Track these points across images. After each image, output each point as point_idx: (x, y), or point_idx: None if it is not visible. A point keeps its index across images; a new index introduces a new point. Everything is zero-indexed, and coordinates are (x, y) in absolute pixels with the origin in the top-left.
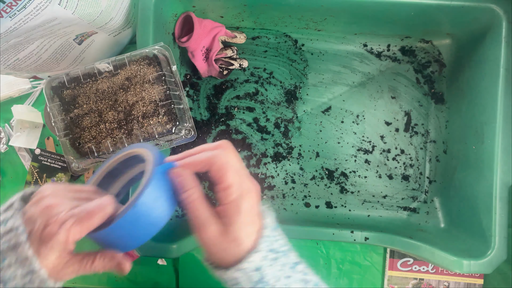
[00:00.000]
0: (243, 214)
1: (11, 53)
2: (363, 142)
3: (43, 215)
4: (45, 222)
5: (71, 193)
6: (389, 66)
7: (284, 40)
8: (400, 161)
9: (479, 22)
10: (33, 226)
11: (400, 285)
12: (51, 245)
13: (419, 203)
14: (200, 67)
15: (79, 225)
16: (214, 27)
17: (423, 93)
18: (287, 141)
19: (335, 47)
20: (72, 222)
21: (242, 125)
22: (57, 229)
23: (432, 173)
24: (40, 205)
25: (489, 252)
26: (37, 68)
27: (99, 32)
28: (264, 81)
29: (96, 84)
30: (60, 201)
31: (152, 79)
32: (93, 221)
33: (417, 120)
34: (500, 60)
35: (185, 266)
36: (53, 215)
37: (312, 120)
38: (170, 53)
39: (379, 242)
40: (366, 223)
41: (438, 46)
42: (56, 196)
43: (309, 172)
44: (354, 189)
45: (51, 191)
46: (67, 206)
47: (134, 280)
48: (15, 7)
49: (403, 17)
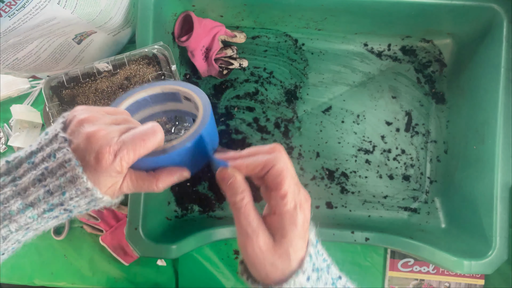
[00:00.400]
0: (298, 227)
1: (10, 52)
2: (364, 142)
3: (91, 145)
4: (96, 152)
5: (107, 117)
6: (389, 65)
7: (284, 39)
8: (400, 161)
9: (480, 21)
10: (83, 156)
11: (400, 286)
12: (108, 174)
13: (419, 203)
14: (200, 66)
15: (133, 152)
16: (214, 27)
17: (424, 93)
18: (287, 141)
19: (336, 46)
20: (126, 150)
21: (242, 125)
22: (112, 159)
23: (432, 173)
24: (82, 133)
25: (490, 252)
26: (36, 67)
27: (98, 31)
28: (264, 81)
29: (95, 84)
30: (102, 128)
31: (151, 78)
32: (146, 147)
33: (418, 120)
34: (501, 60)
35: (185, 267)
36: (103, 143)
37: (313, 120)
38: (169, 53)
39: (380, 242)
40: (366, 223)
41: (438, 45)
42: (95, 122)
43: (309, 172)
44: (355, 189)
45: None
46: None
47: (133, 281)
48: (14, 7)
49: (404, 16)
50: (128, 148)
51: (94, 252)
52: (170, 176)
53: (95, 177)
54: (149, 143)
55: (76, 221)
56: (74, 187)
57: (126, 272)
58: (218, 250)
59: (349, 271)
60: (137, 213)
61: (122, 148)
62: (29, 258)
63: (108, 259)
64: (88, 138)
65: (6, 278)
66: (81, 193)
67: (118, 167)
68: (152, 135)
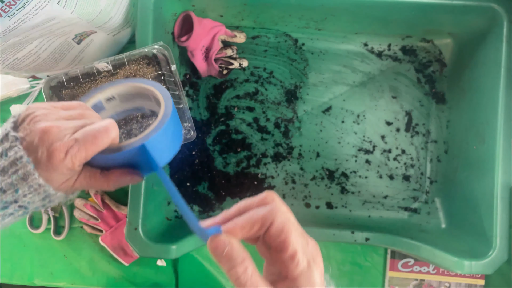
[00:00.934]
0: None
1: (10, 52)
2: (364, 142)
3: (43, 141)
4: (47, 149)
5: (61, 112)
6: (390, 65)
7: (284, 39)
8: (401, 161)
9: (480, 21)
10: (35, 153)
11: (401, 286)
12: (60, 171)
13: (420, 204)
14: (200, 66)
15: (84, 150)
16: (213, 27)
17: (424, 93)
18: (287, 141)
19: (336, 46)
20: (78, 147)
21: (242, 125)
22: (64, 156)
23: (433, 173)
24: (35, 130)
25: (490, 252)
26: (36, 67)
27: (98, 31)
28: (264, 81)
29: (95, 84)
30: (56, 123)
31: (151, 78)
32: (98, 145)
33: (418, 120)
34: (501, 60)
35: (185, 267)
36: (55, 140)
37: (313, 120)
38: (169, 53)
39: (380, 242)
40: (366, 223)
41: (439, 45)
42: (48, 117)
43: (310, 172)
44: (355, 189)
45: (42, 112)
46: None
47: (133, 281)
48: (14, 7)
49: (404, 16)
50: (79, 145)
51: (94, 252)
52: (122, 177)
53: (47, 174)
54: (101, 141)
55: (76, 221)
56: (27, 184)
57: (126, 272)
58: None
59: (349, 271)
60: (137, 213)
61: (73, 145)
62: (29, 258)
63: (108, 259)
64: (41, 134)
65: (6, 278)
66: (34, 190)
67: (69, 164)
68: (104, 133)
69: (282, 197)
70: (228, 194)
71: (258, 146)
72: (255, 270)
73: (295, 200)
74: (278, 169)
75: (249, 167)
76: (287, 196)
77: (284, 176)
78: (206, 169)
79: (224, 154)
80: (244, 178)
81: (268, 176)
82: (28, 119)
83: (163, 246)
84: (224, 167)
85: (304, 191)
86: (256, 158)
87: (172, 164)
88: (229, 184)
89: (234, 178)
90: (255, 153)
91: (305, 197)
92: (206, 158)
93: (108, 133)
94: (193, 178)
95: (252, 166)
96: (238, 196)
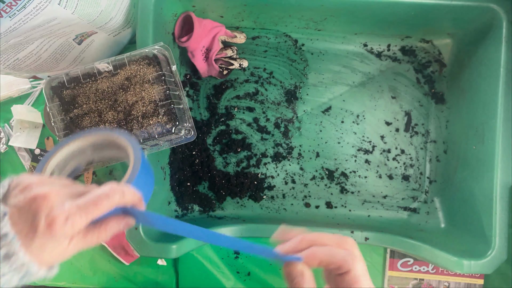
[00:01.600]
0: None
1: (11, 53)
2: (363, 142)
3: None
4: (47, 216)
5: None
6: (389, 66)
7: (284, 40)
8: (400, 161)
9: (479, 22)
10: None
11: (400, 285)
12: (56, 238)
13: (419, 203)
14: (200, 67)
15: (85, 216)
16: (214, 27)
17: (424, 93)
18: (287, 141)
19: (335, 47)
20: (79, 214)
21: (242, 125)
22: (64, 223)
23: (432, 173)
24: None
25: (489, 252)
26: (36, 68)
27: (99, 32)
28: (264, 81)
29: (96, 84)
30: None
31: (152, 79)
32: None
33: (418, 120)
34: (501, 60)
35: (185, 267)
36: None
37: (312, 120)
38: (170, 53)
39: (379, 242)
40: (366, 223)
41: (438, 46)
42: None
43: (309, 172)
44: (354, 189)
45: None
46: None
47: (133, 281)
48: (14, 7)
49: (403, 16)
50: (81, 212)
51: (94, 251)
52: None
53: (42, 242)
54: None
55: None
56: (8, 263)
57: (127, 272)
58: (218, 249)
59: None
60: None
61: (75, 212)
62: None
63: (108, 258)
64: (39, 200)
65: None
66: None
67: (70, 231)
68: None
69: (282, 197)
70: (228, 194)
71: (258, 146)
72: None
73: (295, 200)
74: (278, 169)
75: (249, 167)
76: (287, 196)
77: (284, 176)
78: (206, 169)
79: (224, 154)
80: (244, 178)
81: (268, 176)
82: (22, 186)
83: (163, 246)
84: (224, 167)
85: (304, 191)
86: (256, 158)
87: (173, 164)
88: (229, 184)
89: (234, 178)
90: (255, 153)
91: (305, 197)
92: (206, 158)
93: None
94: (193, 178)
95: (252, 166)
96: (238, 196)
